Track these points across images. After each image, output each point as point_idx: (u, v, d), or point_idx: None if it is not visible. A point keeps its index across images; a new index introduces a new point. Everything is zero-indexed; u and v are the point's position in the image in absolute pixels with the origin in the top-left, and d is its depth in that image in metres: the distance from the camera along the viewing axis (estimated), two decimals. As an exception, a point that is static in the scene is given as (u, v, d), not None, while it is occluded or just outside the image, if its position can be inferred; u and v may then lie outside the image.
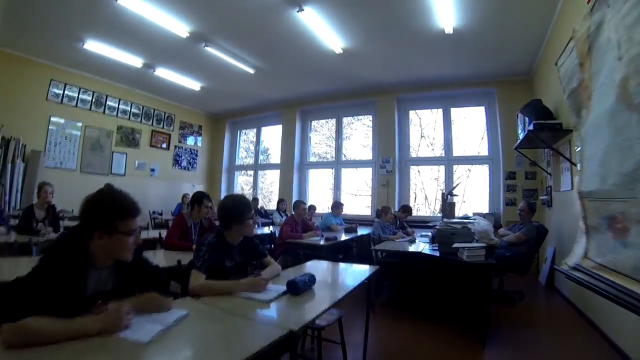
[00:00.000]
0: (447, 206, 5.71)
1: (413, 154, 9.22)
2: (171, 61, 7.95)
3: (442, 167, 8.75)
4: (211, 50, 7.03)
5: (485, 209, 7.98)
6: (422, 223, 7.91)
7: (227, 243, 2.57)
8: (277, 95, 10.14)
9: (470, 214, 7.70)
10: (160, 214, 9.43)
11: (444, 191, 5.74)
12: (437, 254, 4.37)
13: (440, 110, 8.85)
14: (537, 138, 5.23)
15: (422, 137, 9.31)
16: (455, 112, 8.73)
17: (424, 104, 9.06)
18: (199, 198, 4.38)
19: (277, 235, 6.24)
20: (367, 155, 9.73)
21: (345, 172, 10.21)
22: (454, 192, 6.38)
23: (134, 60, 7.79)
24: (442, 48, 6.67)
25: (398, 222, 6.94)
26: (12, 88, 7.58)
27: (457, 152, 8.62)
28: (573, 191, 4.26)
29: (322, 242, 5.58)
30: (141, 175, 10.32)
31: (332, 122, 10.50)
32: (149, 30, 6.30)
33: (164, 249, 4.07)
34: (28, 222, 4.81)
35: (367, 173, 9.69)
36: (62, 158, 8.56)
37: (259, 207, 10.01)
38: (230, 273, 2.54)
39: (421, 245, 5.27)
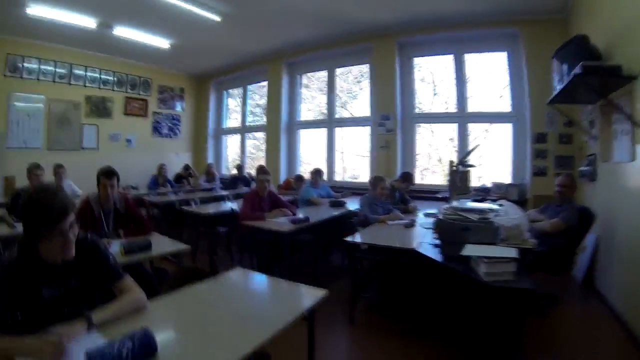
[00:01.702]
0: (458, 179, 4.02)
1: (420, 110, 7.58)
2: (125, 16, 6.81)
3: (455, 126, 7.06)
4: None
5: (507, 178, 6.44)
6: (432, 194, 6.41)
7: (42, 261, 1.60)
8: (258, 47, 8.59)
9: (489, 184, 6.21)
10: (135, 188, 8.24)
11: (453, 161, 4.02)
12: (438, 256, 2.85)
13: (451, 57, 7.08)
14: (580, 89, 3.74)
15: (435, 94, 7.60)
16: (470, 59, 6.97)
17: (431, 49, 7.27)
18: (98, 175, 3.34)
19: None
20: (366, 111, 8.12)
21: (349, 131, 8.70)
22: (468, 159, 4.53)
23: (87, 21, 6.81)
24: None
25: (397, 195, 5.43)
26: None
27: (473, 107, 6.93)
28: (635, 163, 3.26)
29: (287, 227, 4.12)
30: (116, 147, 9.46)
31: (324, 74, 8.91)
32: None
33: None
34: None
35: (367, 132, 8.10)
36: (25, 137, 7.88)
37: (245, 174, 8.92)
38: (56, 307, 1.62)
39: (420, 233, 3.80)
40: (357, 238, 3.61)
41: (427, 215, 4.70)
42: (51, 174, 6.00)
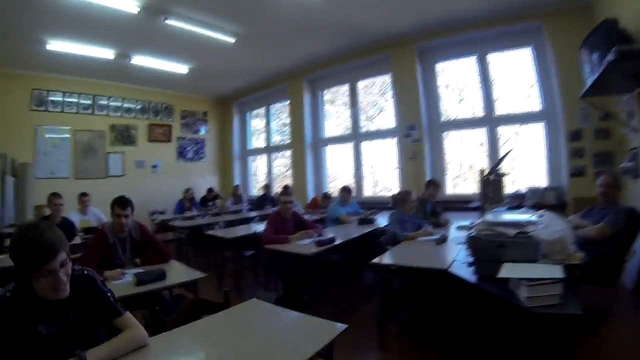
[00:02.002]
0: (490, 190, 3.73)
1: (446, 117, 7.20)
2: (141, 45, 6.93)
3: (484, 130, 6.67)
4: (174, 23, 5.86)
5: (543, 182, 6.02)
6: (464, 203, 6.03)
7: (38, 297, 1.53)
8: (276, 65, 8.47)
9: (524, 189, 5.86)
10: (162, 213, 8.36)
11: (484, 171, 3.73)
12: (473, 277, 2.56)
13: (474, 59, 6.73)
14: (615, 77, 3.40)
15: (461, 99, 7.21)
16: (493, 59, 6.60)
17: (452, 52, 6.91)
18: (112, 205, 3.30)
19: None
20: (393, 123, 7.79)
21: (378, 144, 8.34)
22: (500, 167, 4.21)
23: (104, 52, 7.01)
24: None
25: (428, 207, 5.13)
26: None
27: (501, 110, 6.53)
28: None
29: (311, 249, 3.88)
30: (142, 173, 9.58)
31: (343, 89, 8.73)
32: (97, 13, 5.42)
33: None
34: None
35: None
36: (53, 167, 8.10)
37: (272, 194, 8.79)
38: (54, 344, 1.58)
39: (453, 249, 3.49)
40: (386, 258, 3.36)
41: (459, 228, 4.39)
42: (77, 203, 6.04)
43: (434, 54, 7.07)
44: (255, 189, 10.98)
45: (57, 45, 6.49)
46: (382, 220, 5.28)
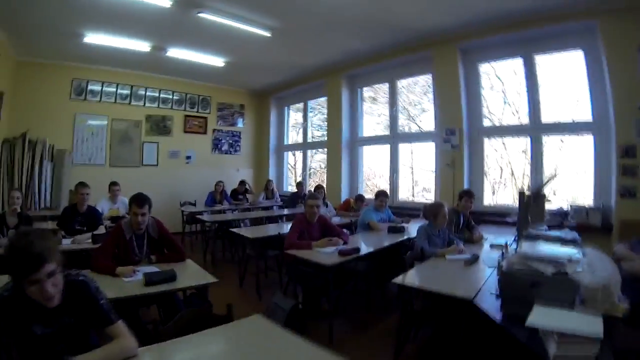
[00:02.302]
0: (530, 210, 3.40)
1: (489, 122, 6.77)
2: (175, 38, 6.98)
3: (528, 139, 6.20)
4: (207, 16, 5.78)
5: (588, 200, 5.53)
6: (502, 216, 5.72)
7: (32, 300, 1.55)
8: (314, 60, 8.23)
9: (566, 206, 5.45)
10: (194, 204, 8.65)
11: (525, 192, 3.39)
12: (499, 313, 2.29)
13: (520, 61, 6.25)
14: None
15: (505, 102, 6.73)
16: (541, 62, 6.09)
17: (497, 52, 6.43)
18: (129, 202, 3.37)
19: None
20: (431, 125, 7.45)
21: (419, 146, 8.06)
22: (543, 190, 3.83)
23: (140, 45, 7.15)
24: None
25: (461, 220, 4.78)
26: (37, 94, 7.71)
27: (547, 117, 6.02)
28: None
29: (332, 259, 3.69)
30: (176, 164, 9.70)
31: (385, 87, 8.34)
32: (130, 7, 5.49)
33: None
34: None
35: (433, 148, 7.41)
36: (90, 154, 8.46)
37: (305, 192, 8.48)
38: (49, 344, 1.65)
39: (483, 273, 3.17)
40: (409, 277, 3.09)
41: (493, 247, 4.04)
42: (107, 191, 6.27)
43: (477, 54, 6.63)
44: (291, 185, 10.83)
45: (93, 38, 6.67)
46: (414, 229, 4.86)
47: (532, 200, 3.43)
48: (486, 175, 6.72)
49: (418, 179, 8.17)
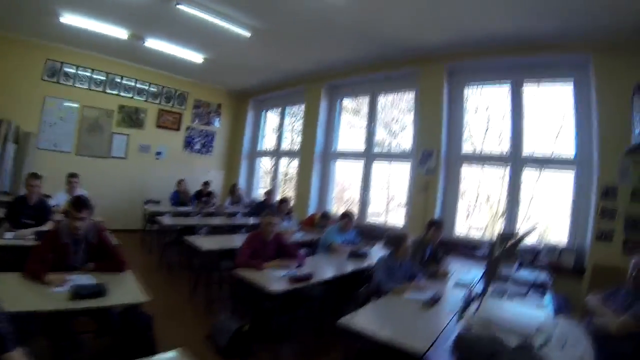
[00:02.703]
0: (502, 251, 3.06)
1: (470, 146, 6.45)
2: (153, 28, 6.65)
3: (507, 170, 5.90)
4: (186, 9, 5.47)
5: (562, 237, 5.25)
6: (472, 249, 5.48)
7: None
8: (295, 66, 7.90)
9: (539, 244, 5.18)
10: (157, 203, 8.08)
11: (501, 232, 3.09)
12: None
13: (507, 88, 5.99)
14: None
15: (487, 128, 6.44)
16: (528, 90, 5.84)
17: (486, 76, 6.17)
18: (68, 205, 3.26)
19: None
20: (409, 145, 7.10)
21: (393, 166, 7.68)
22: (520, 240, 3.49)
23: (118, 32, 6.76)
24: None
25: (428, 252, 4.44)
26: (6, 70, 7.27)
27: (529, 148, 5.75)
28: None
29: (281, 285, 3.35)
30: (145, 159, 9.27)
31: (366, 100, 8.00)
32: None
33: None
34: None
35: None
36: (56, 140, 7.99)
37: (273, 202, 7.94)
38: None
39: (442, 319, 2.79)
40: (359, 317, 2.73)
41: (458, 285, 3.71)
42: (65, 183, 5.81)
43: (465, 76, 6.33)
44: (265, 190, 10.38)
45: (70, 19, 6.28)
46: (378, 255, 4.45)
47: (505, 242, 3.12)
48: (461, 197, 6.41)
49: (395, 194, 7.76)
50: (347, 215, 5.43)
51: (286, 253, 4.13)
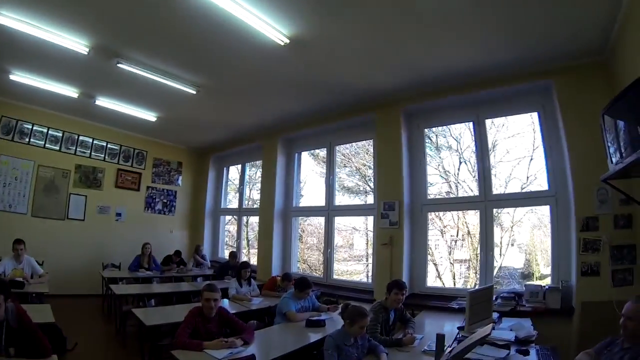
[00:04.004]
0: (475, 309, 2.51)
1: (445, 189, 6.04)
2: (101, 87, 6.47)
3: (477, 213, 5.40)
4: (127, 67, 5.31)
5: (545, 277, 4.83)
6: (445, 300, 4.90)
7: None
8: (249, 121, 7.66)
9: (520, 287, 4.69)
10: (116, 267, 7.58)
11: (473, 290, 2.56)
12: None
13: (469, 126, 5.62)
14: None
15: (460, 162, 6.10)
16: (492, 125, 5.51)
17: (445, 115, 5.81)
18: None
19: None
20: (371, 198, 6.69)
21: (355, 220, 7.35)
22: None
23: (68, 90, 6.53)
24: (461, 19, 3.83)
25: (392, 316, 3.86)
26: None
27: (499, 188, 5.33)
28: None
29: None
30: (104, 220, 8.64)
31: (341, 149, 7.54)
32: (51, 51, 5.02)
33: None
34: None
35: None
36: (11, 200, 7.45)
37: (237, 262, 7.24)
38: None
39: None
40: None
41: (426, 352, 3.08)
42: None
43: (423, 118, 5.93)
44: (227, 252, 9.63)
45: (19, 76, 6.11)
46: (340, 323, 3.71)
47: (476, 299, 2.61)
48: (442, 235, 6.03)
49: (359, 250, 7.47)
50: (303, 284, 4.71)
51: (233, 328, 3.56)
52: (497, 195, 5.22)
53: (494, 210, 5.23)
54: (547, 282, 4.75)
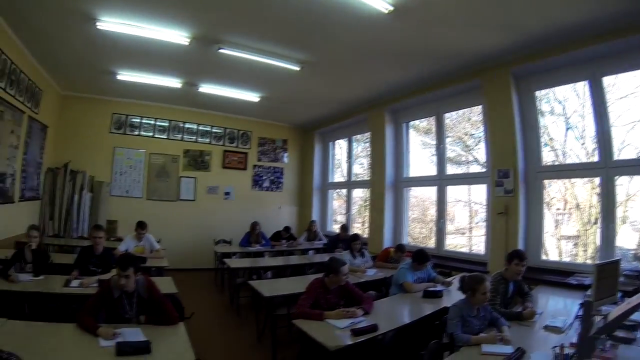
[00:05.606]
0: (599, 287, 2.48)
1: (551, 156, 5.64)
2: (203, 74, 6.95)
3: (598, 180, 4.96)
4: (229, 52, 5.60)
5: None
6: (563, 276, 4.67)
7: None
8: (353, 94, 7.69)
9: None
10: (229, 242, 8.22)
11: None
12: None
13: (585, 84, 5.11)
14: None
15: (567, 128, 5.58)
16: (610, 81, 4.89)
17: (558, 75, 5.30)
18: (115, 264, 3.32)
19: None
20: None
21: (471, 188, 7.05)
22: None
23: (172, 82, 7.21)
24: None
25: (511, 289, 3.80)
26: (79, 127, 8.07)
27: (623, 151, 4.77)
28: None
29: (340, 339, 2.92)
30: (214, 200, 9.50)
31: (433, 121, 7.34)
32: (152, 47, 5.52)
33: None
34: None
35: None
36: (127, 186, 8.61)
37: (347, 235, 7.37)
38: None
39: None
40: None
41: (548, 329, 3.04)
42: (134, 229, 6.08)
43: (536, 79, 5.53)
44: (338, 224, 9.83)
45: (125, 75, 6.84)
46: (456, 294, 3.78)
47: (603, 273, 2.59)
48: (549, 209, 5.64)
49: (475, 218, 7.09)
50: (418, 253, 4.85)
51: (353, 299, 3.76)
52: (620, 161, 4.71)
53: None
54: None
